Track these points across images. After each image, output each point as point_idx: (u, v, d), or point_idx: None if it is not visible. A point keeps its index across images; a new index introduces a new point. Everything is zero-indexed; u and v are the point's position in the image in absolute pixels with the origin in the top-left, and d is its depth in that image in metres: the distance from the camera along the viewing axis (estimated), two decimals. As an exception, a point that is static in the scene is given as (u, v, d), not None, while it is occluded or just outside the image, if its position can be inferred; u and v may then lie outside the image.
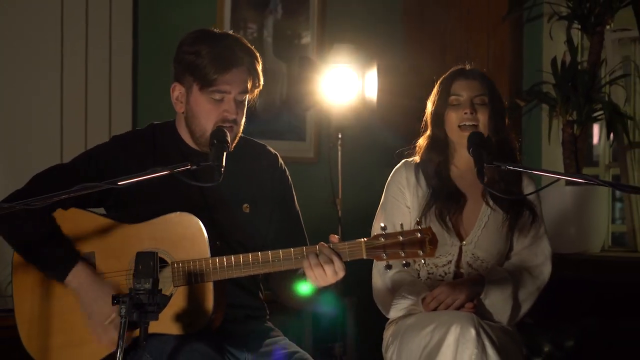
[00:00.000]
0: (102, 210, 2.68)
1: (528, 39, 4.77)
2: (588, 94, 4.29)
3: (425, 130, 3.07)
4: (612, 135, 4.33)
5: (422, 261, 2.40)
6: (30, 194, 2.45)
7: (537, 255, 2.97)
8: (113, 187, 2.27)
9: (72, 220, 2.57)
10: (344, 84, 4.09)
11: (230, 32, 2.68)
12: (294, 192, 2.79)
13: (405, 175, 3.02)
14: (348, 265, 2.43)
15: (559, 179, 2.52)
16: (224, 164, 2.35)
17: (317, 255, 2.39)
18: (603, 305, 4.07)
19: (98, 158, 2.61)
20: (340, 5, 4.77)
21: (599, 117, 4.40)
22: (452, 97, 2.96)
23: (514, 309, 2.86)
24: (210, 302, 2.47)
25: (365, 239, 2.41)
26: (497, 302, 2.85)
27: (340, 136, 4.17)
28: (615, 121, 4.27)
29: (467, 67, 3.06)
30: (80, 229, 2.57)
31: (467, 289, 2.82)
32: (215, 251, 2.49)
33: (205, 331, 2.47)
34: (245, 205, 2.65)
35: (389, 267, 2.40)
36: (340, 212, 4.14)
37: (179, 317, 2.45)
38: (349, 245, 2.42)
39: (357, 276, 2.76)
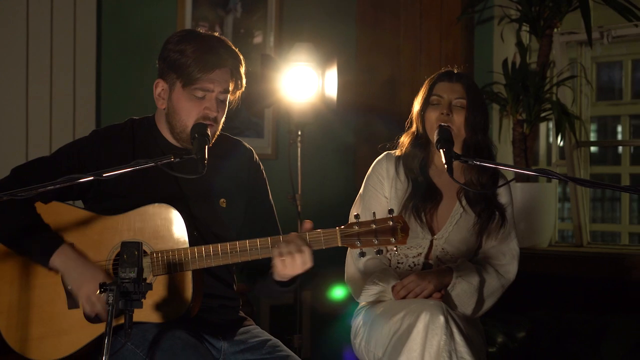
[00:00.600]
0: (80, 203, 2.73)
1: (479, 41, 4.91)
2: (538, 94, 4.45)
3: (410, 127, 3.19)
4: (562, 134, 4.50)
5: (394, 249, 2.49)
6: (13, 186, 2.50)
7: (504, 255, 3.10)
8: (97, 178, 2.33)
9: (52, 213, 2.61)
10: (304, 82, 4.18)
11: (215, 34, 2.74)
12: (268, 187, 2.87)
13: (385, 167, 3.14)
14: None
15: (539, 175, 2.62)
16: (206, 156, 2.43)
17: (287, 244, 2.47)
18: (552, 298, 4.23)
19: (80, 151, 2.66)
20: (297, 5, 4.86)
21: (548, 117, 4.56)
22: (433, 97, 3.08)
23: (478, 303, 2.99)
24: (189, 291, 2.54)
25: (339, 227, 2.51)
26: (463, 294, 2.97)
27: (300, 133, 4.25)
28: (564, 121, 4.44)
29: (456, 70, 3.17)
30: (59, 221, 2.61)
31: (436, 279, 2.94)
32: (193, 242, 2.56)
33: (184, 319, 2.54)
34: (222, 199, 2.72)
35: (362, 254, 2.50)
36: (299, 207, 4.22)
37: (159, 306, 2.51)
38: (324, 233, 2.51)
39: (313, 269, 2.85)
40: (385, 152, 3.21)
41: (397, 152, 3.18)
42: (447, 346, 2.67)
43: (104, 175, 2.34)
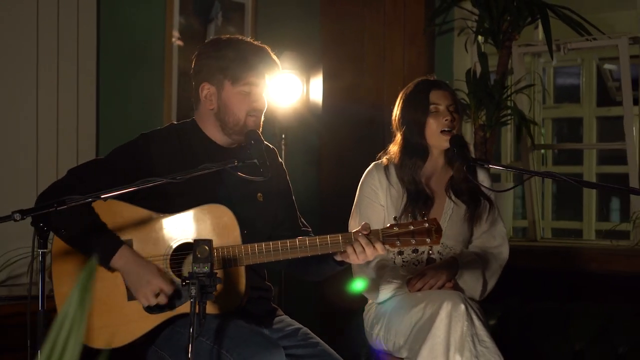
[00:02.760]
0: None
1: (440, 50, 5.26)
2: (498, 101, 4.83)
3: (394, 137, 3.40)
4: (519, 137, 4.89)
5: (429, 248, 2.77)
6: (76, 186, 2.69)
7: (495, 238, 3.40)
8: (170, 181, 2.55)
9: (110, 211, 2.80)
10: (286, 89, 4.43)
11: (239, 37, 3.00)
12: (290, 186, 3.13)
13: (377, 177, 3.33)
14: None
15: (533, 175, 2.97)
16: (267, 161, 2.68)
17: (357, 241, 2.72)
18: (518, 289, 4.59)
19: (133, 153, 2.86)
20: (269, 14, 5.10)
21: (507, 122, 4.95)
22: (432, 106, 3.28)
23: (483, 286, 3.31)
24: (242, 284, 2.77)
25: (381, 229, 2.78)
26: (470, 280, 3.28)
27: (284, 136, 4.50)
28: (522, 125, 4.82)
29: (431, 78, 3.44)
30: (118, 218, 2.80)
31: (447, 270, 3.24)
32: (243, 239, 2.80)
33: (237, 311, 2.78)
34: (259, 194, 2.97)
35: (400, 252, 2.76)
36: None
37: (217, 298, 2.74)
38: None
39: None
40: (373, 163, 3.40)
41: (385, 162, 3.37)
42: (470, 331, 2.95)
43: (178, 178, 2.56)
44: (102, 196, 2.48)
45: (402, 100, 3.40)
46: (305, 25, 5.39)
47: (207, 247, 2.50)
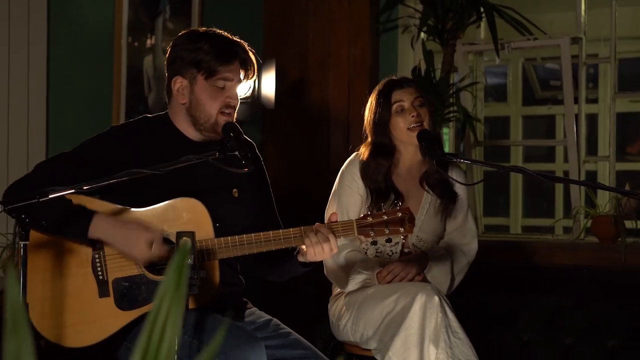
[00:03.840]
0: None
1: (384, 48, 5.31)
2: (444, 98, 4.90)
3: (366, 139, 3.42)
4: (463, 134, 4.98)
5: (401, 237, 2.81)
6: (38, 182, 2.63)
7: (465, 235, 3.47)
8: (155, 173, 2.51)
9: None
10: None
11: (216, 30, 2.96)
12: (268, 179, 3.12)
13: (359, 166, 3.37)
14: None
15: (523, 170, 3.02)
16: (249, 153, 2.67)
17: (315, 234, 2.73)
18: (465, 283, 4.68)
19: (104, 146, 2.81)
20: (215, 9, 5.07)
21: (450, 119, 5.03)
22: (396, 105, 3.32)
23: (451, 281, 3.37)
24: (217, 278, 2.76)
25: (356, 219, 2.80)
26: (439, 274, 3.33)
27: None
28: (466, 123, 4.92)
29: (394, 77, 3.47)
30: (87, 214, 2.77)
31: (417, 264, 3.29)
32: (216, 232, 2.79)
33: (211, 305, 2.76)
34: (234, 190, 2.95)
35: (374, 242, 2.79)
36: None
37: (191, 293, 2.73)
38: (342, 224, 2.78)
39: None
40: (354, 154, 3.44)
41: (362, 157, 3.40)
42: (443, 322, 3.00)
43: (160, 170, 2.53)
44: (85, 187, 2.43)
45: (370, 102, 3.44)
46: (250, 20, 5.38)
47: (189, 239, 2.48)
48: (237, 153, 2.65)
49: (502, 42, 4.86)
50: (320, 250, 2.71)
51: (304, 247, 2.75)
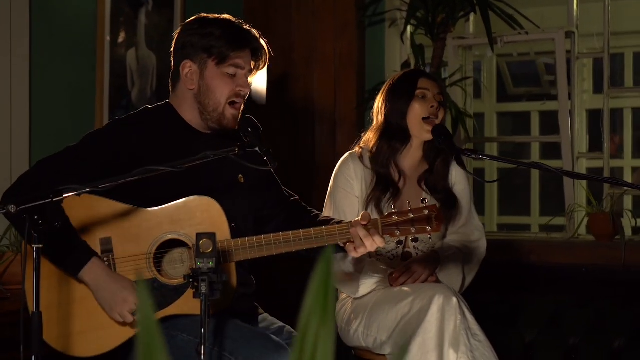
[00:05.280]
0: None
1: (372, 42, 5.16)
2: (434, 93, 4.79)
3: (373, 123, 3.28)
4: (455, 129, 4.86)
5: (428, 236, 2.67)
6: (46, 181, 2.45)
7: (473, 232, 3.33)
8: (174, 170, 2.34)
9: (86, 206, 2.57)
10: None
11: (227, 16, 2.80)
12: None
13: (353, 167, 3.20)
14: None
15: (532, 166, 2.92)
16: (271, 149, 2.50)
17: (359, 232, 2.57)
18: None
19: (109, 140, 2.63)
20: (197, 1, 4.89)
21: (443, 115, 4.91)
22: (419, 91, 3.17)
23: (462, 281, 3.23)
24: (234, 281, 2.60)
25: (380, 217, 2.66)
26: (451, 274, 3.19)
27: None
28: (458, 118, 4.80)
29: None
30: (95, 213, 2.58)
31: (430, 264, 3.15)
32: (232, 232, 2.62)
33: (229, 309, 2.60)
34: (240, 175, 2.78)
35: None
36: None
37: (208, 297, 2.56)
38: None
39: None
40: (348, 153, 3.27)
41: (358, 151, 3.25)
42: (463, 325, 2.85)
43: (178, 166, 2.35)
44: (101, 186, 2.25)
45: (387, 87, 3.29)
46: (232, 13, 5.20)
47: (210, 241, 2.32)
48: (257, 149, 2.48)
49: (495, 36, 4.76)
50: (371, 243, 2.58)
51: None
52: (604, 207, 4.45)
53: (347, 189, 3.20)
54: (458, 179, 3.33)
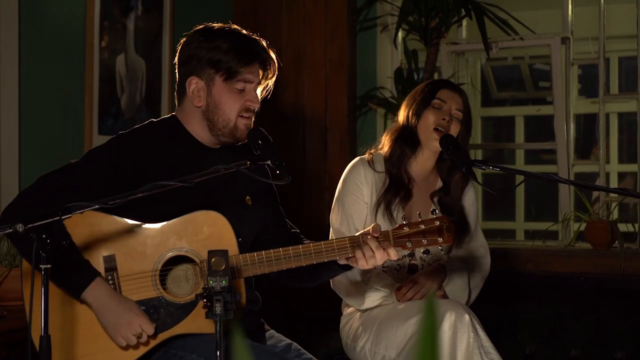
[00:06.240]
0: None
1: (363, 47, 5.08)
2: (428, 99, 4.71)
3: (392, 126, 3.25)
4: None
5: (440, 248, 2.59)
6: (51, 198, 2.35)
7: (478, 249, 3.26)
8: (184, 185, 2.24)
9: (88, 223, 2.46)
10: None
11: (233, 26, 2.70)
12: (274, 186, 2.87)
13: (363, 172, 3.13)
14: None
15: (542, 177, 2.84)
16: (284, 163, 2.41)
17: (366, 244, 2.50)
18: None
19: (113, 156, 2.52)
20: (186, 5, 4.79)
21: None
22: (436, 101, 3.11)
23: (468, 296, 3.15)
24: (243, 298, 2.51)
25: (391, 229, 2.57)
26: (457, 289, 3.11)
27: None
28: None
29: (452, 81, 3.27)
30: (97, 231, 2.47)
31: (437, 278, 3.06)
32: (240, 248, 2.53)
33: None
34: (247, 197, 2.70)
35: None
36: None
37: (216, 316, 2.46)
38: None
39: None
40: (358, 157, 3.21)
41: (368, 157, 3.20)
42: (476, 342, 2.77)
43: (189, 181, 2.25)
44: (110, 203, 2.14)
45: (412, 91, 3.26)
46: (221, 18, 5.10)
47: (223, 259, 2.22)
48: (269, 162, 2.39)
49: (490, 41, 4.70)
50: (373, 260, 2.50)
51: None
52: (600, 214, 4.40)
53: (357, 194, 3.13)
54: (468, 194, 3.27)
